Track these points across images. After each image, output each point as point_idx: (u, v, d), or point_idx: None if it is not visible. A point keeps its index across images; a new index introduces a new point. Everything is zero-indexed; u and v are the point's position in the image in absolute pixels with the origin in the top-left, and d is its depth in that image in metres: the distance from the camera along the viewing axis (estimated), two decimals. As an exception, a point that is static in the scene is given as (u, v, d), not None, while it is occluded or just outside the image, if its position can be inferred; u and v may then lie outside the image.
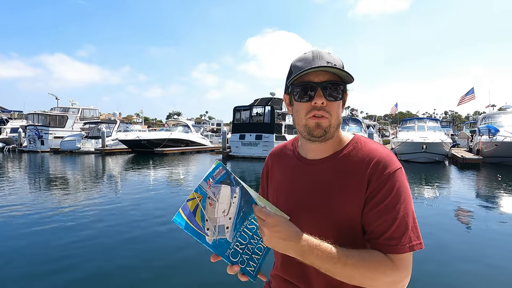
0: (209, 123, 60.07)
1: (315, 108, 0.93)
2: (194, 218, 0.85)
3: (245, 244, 0.90)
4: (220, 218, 0.88)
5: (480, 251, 4.44)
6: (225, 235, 0.88)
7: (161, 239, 4.89)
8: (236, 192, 0.90)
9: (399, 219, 0.86)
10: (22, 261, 4.06)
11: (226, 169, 0.90)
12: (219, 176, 0.89)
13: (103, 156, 22.33)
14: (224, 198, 0.89)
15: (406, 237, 0.86)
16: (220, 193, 0.88)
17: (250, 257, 0.91)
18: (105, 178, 12.47)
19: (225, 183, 0.89)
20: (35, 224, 5.65)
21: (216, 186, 0.88)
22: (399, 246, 0.85)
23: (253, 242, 0.91)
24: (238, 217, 0.90)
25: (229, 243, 0.89)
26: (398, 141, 17.62)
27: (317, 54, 0.94)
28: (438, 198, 8.42)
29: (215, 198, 0.88)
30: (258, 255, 0.91)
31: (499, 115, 18.57)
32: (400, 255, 0.85)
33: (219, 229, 0.88)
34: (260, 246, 0.92)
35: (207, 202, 0.87)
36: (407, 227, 0.87)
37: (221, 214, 0.88)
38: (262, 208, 0.88)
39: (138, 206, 7.15)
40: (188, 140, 27.96)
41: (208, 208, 0.87)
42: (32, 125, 27.61)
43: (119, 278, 3.58)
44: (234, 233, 0.89)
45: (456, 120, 73.96)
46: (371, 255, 0.86)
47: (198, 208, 0.86)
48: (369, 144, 1.00)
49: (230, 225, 0.89)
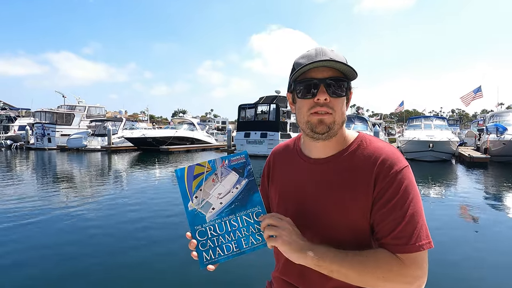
0: (214, 121, 60.10)
1: (318, 104, 0.91)
2: (192, 181, 0.88)
3: (218, 234, 0.88)
4: (213, 197, 0.89)
5: (487, 251, 4.39)
6: (206, 213, 0.88)
7: (166, 237, 4.90)
8: (241, 184, 0.89)
9: (408, 217, 0.85)
10: (25, 257, 4.10)
11: (247, 159, 0.91)
12: (235, 162, 0.90)
13: (109, 154, 22.50)
14: (227, 183, 0.89)
15: (415, 235, 0.84)
16: (227, 177, 0.89)
17: (214, 247, 0.88)
18: (111, 175, 12.56)
19: (237, 171, 0.90)
20: (42, 220, 5.71)
21: (227, 169, 0.90)
22: (408, 245, 0.83)
23: (226, 238, 0.88)
24: (228, 208, 0.89)
25: (204, 221, 0.88)
26: (405, 140, 17.48)
27: (320, 51, 0.92)
28: (445, 197, 8.34)
29: (220, 178, 0.89)
30: (223, 252, 0.88)
31: (507, 114, 18.33)
32: (411, 254, 0.83)
33: (205, 205, 0.89)
34: (230, 246, 0.88)
35: (212, 176, 0.89)
36: (416, 226, 0.85)
37: (216, 194, 0.89)
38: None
39: (143, 204, 7.19)
40: (194, 138, 28.02)
41: (209, 182, 0.89)
42: (39, 123, 27.88)
43: (121, 278, 3.60)
44: (215, 217, 0.88)
45: (464, 118, 73.22)
46: (380, 254, 0.85)
47: (201, 176, 0.89)
48: (375, 142, 0.98)
49: (217, 208, 0.89)
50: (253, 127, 20.86)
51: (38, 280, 3.48)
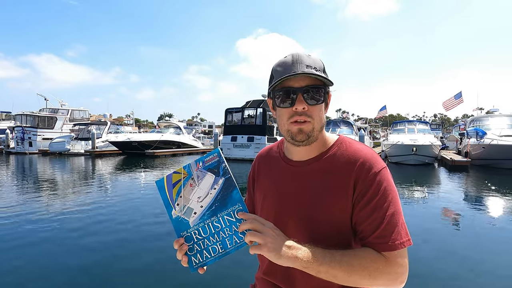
0: (200, 125, 59.71)
1: (296, 113, 0.93)
2: (172, 189, 0.90)
3: (203, 237, 0.89)
4: (193, 202, 0.89)
5: (467, 249, 4.51)
6: (189, 218, 0.89)
7: (152, 242, 4.84)
8: (218, 184, 0.89)
9: (388, 217, 0.88)
10: (8, 266, 3.97)
11: (220, 157, 0.90)
12: (209, 163, 0.90)
13: (93, 158, 22.04)
14: (205, 186, 0.89)
15: (396, 234, 0.87)
16: (203, 180, 0.89)
17: (201, 250, 0.89)
18: (95, 180, 12.31)
19: (213, 171, 0.90)
20: (21, 227, 5.54)
21: (203, 171, 0.90)
22: (390, 243, 0.86)
23: (211, 240, 0.88)
24: (209, 210, 0.89)
25: (189, 226, 0.89)
26: (389, 144, 17.80)
27: (296, 58, 0.93)
28: (427, 199, 8.53)
29: (197, 182, 0.90)
30: (210, 255, 0.88)
31: (486, 118, 18.91)
32: (393, 252, 0.86)
33: (187, 211, 0.89)
34: (215, 248, 0.88)
35: (189, 182, 0.90)
36: (396, 225, 0.88)
37: (195, 198, 0.89)
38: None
39: (128, 209, 7.07)
40: (180, 142, 27.79)
41: (187, 188, 0.90)
42: (19, 126, 27.11)
43: (107, 281, 3.53)
44: (198, 222, 0.89)
45: (445, 123, 75.19)
46: (366, 253, 0.87)
47: (179, 183, 0.90)
48: (354, 144, 1.01)
49: (199, 212, 0.89)
50: (240, 131, 20.84)
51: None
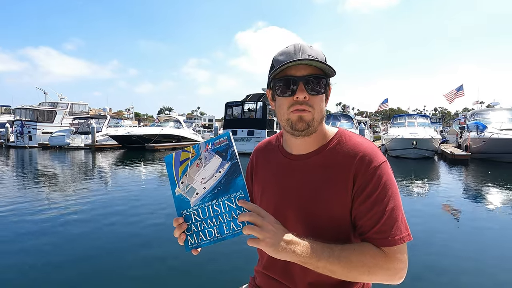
0: (200, 119, 59.49)
1: (297, 102, 0.92)
2: (179, 167, 0.91)
3: (201, 219, 0.88)
4: (197, 182, 0.89)
5: (468, 244, 4.52)
6: (191, 198, 0.89)
7: (153, 235, 4.85)
8: (224, 168, 0.88)
9: (388, 212, 0.87)
10: (8, 261, 3.98)
11: (230, 141, 0.89)
12: (219, 145, 0.90)
13: (93, 152, 22.03)
14: (211, 168, 0.89)
15: (395, 229, 0.86)
16: (210, 162, 0.89)
17: (197, 232, 0.89)
18: (95, 174, 12.32)
19: (220, 154, 0.89)
20: (22, 221, 5.56)
21: (211, 153, 0.90)
22: (390, 239, 0.85)
23: (209, 223, 0.88)
24: (211, 192, 0.88)
25: (189, 206, 0.89)
26: (389, 137, 17.78)
27: (298, 48, 0.92)
28: (427, 192, 8.54)
29: (204, 163, 0.90)
30: (205, 237, 0.88)
31: (487, 112, 18.87)
32: (392, 247, 0.85)
33: (190, 190, 0.90)
34: (212, 231, 0.88)
35: (196, 161, 0.90)
36: (396, 220, 0.87)
37: (200, 179, 0.89)
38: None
39: (129, 202, 7.08)
40: (180, 136, 27.76)
41: (194, 167, 0.90)
42: (19, 120, 27.08)
43: (108, 276, 3.54)
44: (199, 203, 0.89)
45: (446, 116, 75.07)
46: (365, 249, 0.86)
47: (186, 161, 0.91)
48: (354, 138, 0.99)
49: (201, 193, 0.89)
50: (240, 125, 20.83)
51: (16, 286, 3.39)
